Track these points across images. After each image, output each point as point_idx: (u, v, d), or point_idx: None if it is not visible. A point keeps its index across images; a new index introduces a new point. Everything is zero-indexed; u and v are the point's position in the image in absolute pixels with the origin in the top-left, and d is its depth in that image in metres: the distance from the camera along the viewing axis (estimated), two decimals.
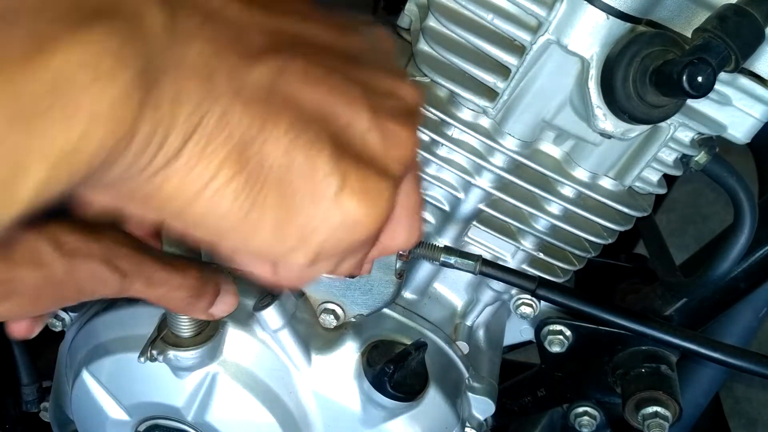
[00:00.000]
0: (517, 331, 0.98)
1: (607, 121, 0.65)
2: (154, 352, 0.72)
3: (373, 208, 0.38)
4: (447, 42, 0.70)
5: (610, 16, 0.61)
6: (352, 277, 0.78)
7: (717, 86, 0.62)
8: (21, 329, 0.55)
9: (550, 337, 0.88)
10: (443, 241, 0.83)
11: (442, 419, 0.81)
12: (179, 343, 0.73)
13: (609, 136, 0.67)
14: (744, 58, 0.58)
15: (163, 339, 0.73)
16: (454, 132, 0.74)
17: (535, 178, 0.75)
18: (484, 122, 0.73)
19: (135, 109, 0.30)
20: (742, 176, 0.72)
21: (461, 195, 0.78)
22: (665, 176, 0.76)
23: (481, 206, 0.78)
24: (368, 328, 0.81)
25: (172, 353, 0.73)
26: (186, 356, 0.73)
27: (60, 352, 0.91)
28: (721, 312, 0.90)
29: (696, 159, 0.71)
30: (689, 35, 0.61)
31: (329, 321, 0.79)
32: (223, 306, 0.61)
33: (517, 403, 0.97)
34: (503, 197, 0.76)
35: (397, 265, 0.75)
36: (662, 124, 0.68)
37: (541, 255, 0.81)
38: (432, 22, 0.70)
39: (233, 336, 0.77)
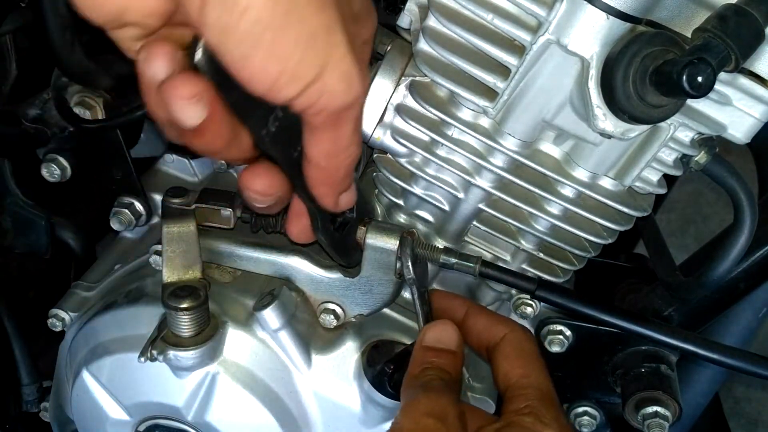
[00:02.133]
0: None
1: (607, 121, 0.65)
2: (154, 352, 0.73)
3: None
4: (447, 42, 0.70)
5: (610, 16, 0.61)
6: (352, 270, 0.78)
7: (717, 86, 0.62)
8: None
9: (550, 337, 0.88)
10: (443, 241, 0.83)
11: None
12: (179, 343, 0.73)
13: (609, 136, 0.67)
14: (744, 58, 0.58)
15: (163, 339, 0.73)
16: (454, 132, 0.74)
17: (535, 178, 0.75)
18: (484, 122, 0.73)
19: None
20: (742, 176, 0.72)
21: (461, 195, 0.78)
22: (665, 176, 0.76)
23: (481, 206, 0.78)
24: (368, 328, 0.81)
25: (172, 353, 0.73)
26: (186, 356, 0.74)
27: (60, 352, 0.91)
28: (720, 312, 0.90)
29: (696, 159, 0.71)
30: (689, 35, 0.61)
31: (329, 321, 0.79)
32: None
33: None
34: (503, 197, 0.76)
35: (397, 265, 0.75)
36: (662, 124, 0.68)
37: (541, 255, 0.81)
38: (432, 22, 0.70)
39: (233, 336, 0.77)
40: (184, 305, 0.72)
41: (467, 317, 0.72)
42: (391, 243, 0.74)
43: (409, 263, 0.73)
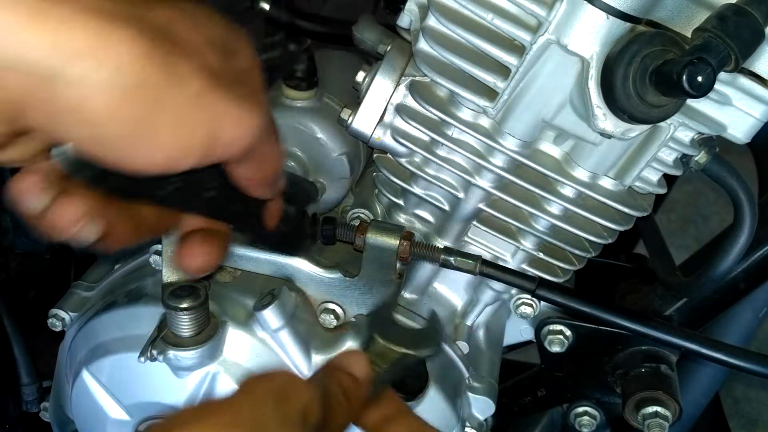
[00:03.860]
0: (517, 331, 0.98)
1: (607, 120, 0.65)
2: (155, 352, 0.73)
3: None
4: (447, 42, 0.70)
5: (610, 16, 0.61)
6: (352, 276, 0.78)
7: (717, 86, 0.62)
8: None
9: (550, 336, 0.88)
10: (443, 241, 0.83)
11: (442, 419, 0.81)
12: (179, 343, 0.73)
13: (609, 136, 0.67)
14: (744, 57, 0.58)
15: (163, 339, 0.73)
16: (454, 132, 0.74)
17: (535, 178, 0.75)
18: (484, 122, 0.73)
19: None
20: (742, 176, 0.72)
21: (461, 195, 0.78)
22: (665, 176, 0.76)
23: (482, 206, 0.78)
24: (368, 328, 0.80)
25: (172, 353, 0.73)
26: (186, 356, 0.73)
27: (60, 352, 0.91)
28: (721, 312, 0.90)
29: (696, 159, 0.71)
30: (689, 35, 0.61)
31: (329, 321, 0.79)
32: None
33: (517, 403, 0.97)
34: (503, 197, 0.76)
35: (397, 266, 0.75)
36: (662, 123, 0.68)
37: (541, 255, 0.81)
38: (432, 22, 0.70)
39: (233, 336, 0.77)
40: (184, 305, 0.72)
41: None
42: (392, 243, 0.74)
43: None
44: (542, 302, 0.87)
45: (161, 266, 0.75)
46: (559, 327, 0.88)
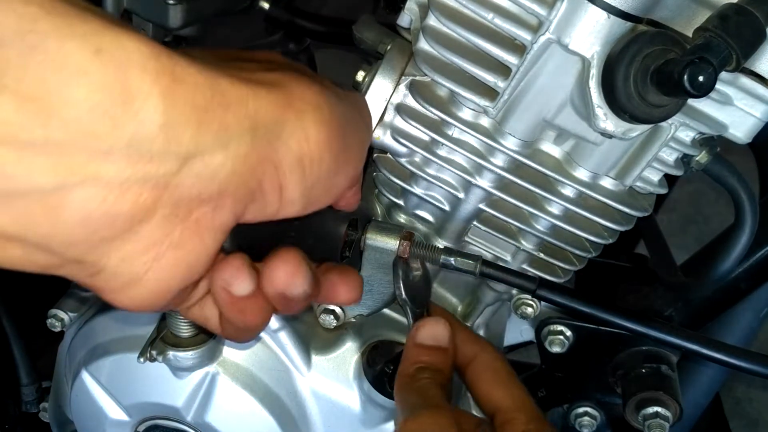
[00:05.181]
0: (518, 331, 0.98)
1: (607, 120, 0.65)
2: (154, 353, 0.72)
3: None
4: (447, 41, 0.69)
5: (611, 15, 0.61)
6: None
7: (718, 86, 0.62)
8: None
9: (550, 337, 0.88)
10: (443, 241, 0.82)
11: None
12: (179, 344, 0.73)
13: (610, 136, 0.67)
14: (745, 57, 0.58)
15: (162, 339, 0.73)
16: (455, 132, 0.74)
17: (536, 178, 0.75)
18: (485, 122, 0.73)
19: None
20: (743, 176, 0.72)
21: (462, 195, 0.78)
22: (666, 176, 0.76)
23: (482, 206, 0.78)
24: (368, 328, 0.80)
25: (171, 353, 0.73)
26: (185, 356, 0.73)
27: (59, 353, 0.91)
28: (721, 312, 0.90)
29: (697, 159, 0.71)
30: (690, 34, 0.61)
31: (329, 321, 0.79)
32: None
33: None
34: (504, 197, 0.76)
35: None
36: (663, 123, 0.68)
37: (542, 255, 0.81)
38: (432, 21, 0.70)
39: None
40: None
41: None
42: (391, 243, 0.74)
43: (401, 284, 0.72)
44: (543, 302, 0.87)
45: None
46: (559, 327, 0.88)
